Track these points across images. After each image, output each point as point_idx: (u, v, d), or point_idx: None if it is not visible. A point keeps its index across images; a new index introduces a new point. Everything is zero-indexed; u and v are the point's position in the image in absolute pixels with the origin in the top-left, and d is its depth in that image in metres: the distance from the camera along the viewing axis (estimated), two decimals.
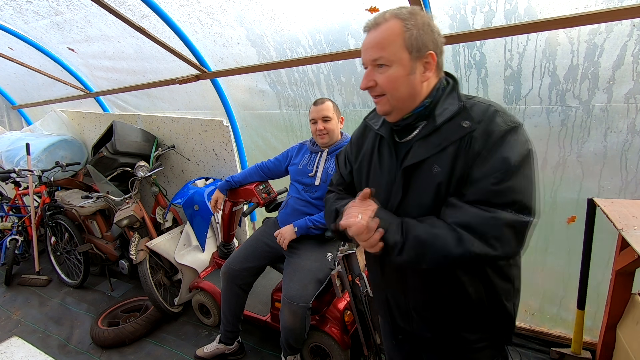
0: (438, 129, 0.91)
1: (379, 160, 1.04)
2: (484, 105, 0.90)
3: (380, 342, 1.89)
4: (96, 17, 2.54)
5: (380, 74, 0.91)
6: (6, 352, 1.41)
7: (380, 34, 0.89)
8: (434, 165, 0.90)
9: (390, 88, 0.91)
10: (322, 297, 2.04)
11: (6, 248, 3.51)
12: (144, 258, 2.63)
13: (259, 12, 2.15)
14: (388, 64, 0.89)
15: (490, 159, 0.84)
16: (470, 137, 0.87)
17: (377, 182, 1.03)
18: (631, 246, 1.29)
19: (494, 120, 0.86)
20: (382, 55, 0.88)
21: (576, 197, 1.89)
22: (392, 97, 0.92)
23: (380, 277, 1.12)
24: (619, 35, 1.54)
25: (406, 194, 0.95)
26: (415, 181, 0.94)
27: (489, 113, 0.88)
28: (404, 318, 1.08)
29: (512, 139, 0.85)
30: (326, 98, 1.98)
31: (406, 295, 1.04)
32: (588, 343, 2.01)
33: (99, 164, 2.98)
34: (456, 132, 0.88)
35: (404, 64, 0.89)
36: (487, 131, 0.85)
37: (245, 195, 2.31)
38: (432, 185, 0.91)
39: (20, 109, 4.79)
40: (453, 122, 0.90)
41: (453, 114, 0.90)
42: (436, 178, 0.90)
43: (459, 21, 1.77)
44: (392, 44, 0.87)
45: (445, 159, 0.89)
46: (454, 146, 0.88)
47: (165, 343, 2.52)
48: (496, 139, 0.84)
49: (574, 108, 1.75)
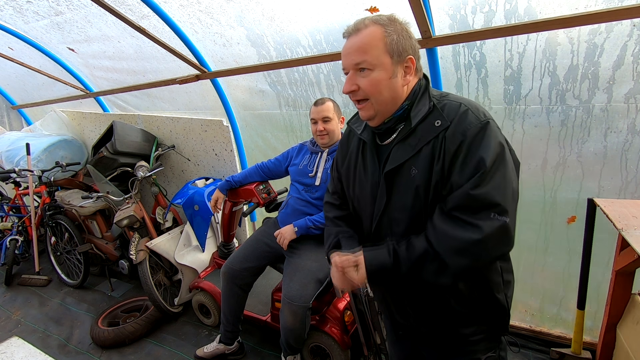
0: (414, 130, 0.94)
1: (363, 165, 1.06)
2: (455, 103, 0.92)
3: (380, 342, 1.88)
4: (96, 17, 2.54)
5: (362, 78, 0.92)
6: (6, 352, 1.41)
7: (362, 39, 0.91)
8: (411, 167, 0.93)
9: (374, 92, 0.93)
10: (322, 297, 2.04)
11: (6, 248, 3.51)
12: (144, 258, 2.63)
13: (259, 12, 2.15)
14: (370, 67, 0.91)
15: (467, 162, 0.86)
16: (443, 137, 0.88)
17: (363, 187, 1.05)
18: (631, 246, 1.29)
19: (466, 118, 0.88)
20: (364, 59, 0.90)
21: (576, 197, 1.89)
22: (375, 101, 0.94)
23: None
24: (619, 35, 1.54)
25: (390, 197, 0.98)
26: (396, 184, 0.97)
27: (461, 111, 0.89)
28: (401, 314, 1.11)
29: (485, 136, 0.86)
30: (327, 98, 1.98)
31: (401, 292, 1.07)
32: (588, 343, 2.01)
33: (99, 164, 2.98)
34: (429, 132, 0.91)
35: (386, 68, 0.91)
36: (460, 131, 0.87)
37: (245, 195, 2.31)
38: (412, 188, 0.93)
39: (20, 109, 4.79)
40: (426, 123, 0.92)
41: (425, 114, 0.93)
42: (415, 180, 0.93)
43: (459, 21, 1.77)
44: (374, 48, 0.90)
45: (422, 160, 0.91)
46: (428, 146, 0.91)
47: (165, 343, 2.52)
48: (470, 138, 0.86)
49: (574, 108, 1.75)
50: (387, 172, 0.96)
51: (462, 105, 0.91)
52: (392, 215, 0.98)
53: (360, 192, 1.07)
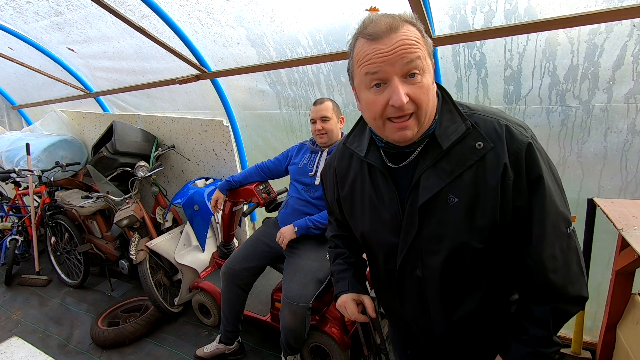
0: (446, 153, 0.81)
1: (375, 192, 0.92)
2: (490, 119, 0.82)
3: (380, 342, 1.88)
4: (96, 17, 2.54)
5: (412, 85, 0.75)
6: (6, 352, 1.41)
7: (409, 37, 0.74)
8: (449, 195, 0.81)
9: (427, 101, 0.77)
10: (322, 297, 2.04)
11: (6, 248, 3.51)
12: (144, 258, 2.63)
13: (259, 12, 2.15)
14: (422, 70, 0.75)
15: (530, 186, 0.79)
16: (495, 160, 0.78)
17: (377, 217, 0.94)
18: (631, 246, 1.29)
19: (513, 136, 0.79)
20: (419, 56, 0.74)
21: (576, 197, 1.89)
22: (424, 113, 0.78)
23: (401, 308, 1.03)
24: (619, 35, 1.54)
25: (421, 229, 0.86)
26: (429, 215, 0.84)
27: (502, 129, 0.79)
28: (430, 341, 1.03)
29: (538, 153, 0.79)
30: (327, 98, 1.99)
31: (431, 324, 0.97)
32: (588, 343, 2.01)
33: (99, 164, 2.98)
34: (470, 156, 0.79)
35: (431, 72, 0.78)
36: (511, 151, 0.78)
37: (245, 195, 2.31)
38: (451, 217, 0.82)
39: (20, 109, 4.79)
40: (463, 144, 0.80)
41: (461, 136, 0.80)
42: (454, 209, 0.82)
43: (459, 21, 1.77)
44: (421, 46, 0.76)
45: (462, 187, 0.80)
46: (470, 171, 0.79)
47: (165, 343, 2.52)
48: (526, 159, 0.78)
49: (574, 108, 1.75)
50: (423, 204, 0.83)
51: (499, 119, 0.81)
52: (425, 247, 0.88)
53: (374, 223, 0.95)
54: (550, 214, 0.79)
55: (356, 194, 0.98)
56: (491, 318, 0.95)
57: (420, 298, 0.95)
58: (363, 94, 0.81)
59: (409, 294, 0.97)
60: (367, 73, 0.76)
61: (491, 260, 0.87)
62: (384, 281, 1.04)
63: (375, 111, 0.79)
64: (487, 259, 0.86)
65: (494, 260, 0.87)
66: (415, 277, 0.92)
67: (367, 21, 0.78)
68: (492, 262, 0.88)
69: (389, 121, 0.79)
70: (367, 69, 0.76)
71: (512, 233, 0.83)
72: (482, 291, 0.91)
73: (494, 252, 0.86)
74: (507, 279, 0.92)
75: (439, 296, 0.92)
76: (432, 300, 0.93)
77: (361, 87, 0.81)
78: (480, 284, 0.90)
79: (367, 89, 0.79)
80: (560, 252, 0.81)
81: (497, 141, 0.79)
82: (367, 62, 0.76)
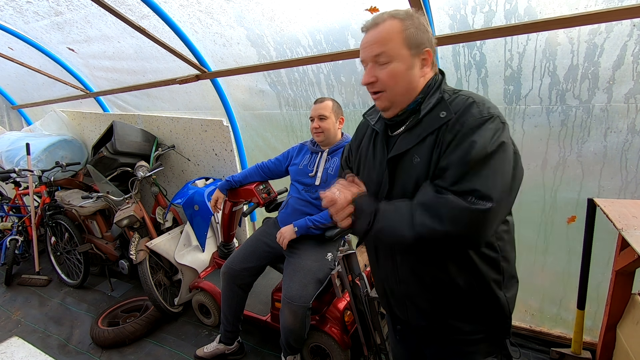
0: (420, 121, 0.96)
1: (373, 153, 1.10)
2: (464, 97, 0.94)
3: (380, 342, 1.89)
4: (96, 17, 2.54)
5: (381, 70, 0.95)
6: (6, 352, 1.41)
7: (381, 32, 0.93)
8: (414, 155, 0.96)
9: (391, 83, 0.95)
10: (322, 297, 2.04)
11: (6, 248, 3.51)
12: (144, 258, 2.63)
13: (259, 12, 2.15)
14: (389, 59, 0.93)
15: (457, 148, 0.87)
16: (445, 127, 0.91)
17: (370, 173, 1.09)
18: (631, 246, 1.29)
19: (470, 110, 0.89)
20: (383, 51, 0.93)
21: (576, 197, 1.89)
22: (391, 93, 0.97)
23: (377, 268, 1.17)
24: (619, 35, 1.54)
25: (392, 185, 1.01)
26: (399, 172, 1.00)
27: (467, 104, 0.91)
28: (400, 307, 1.12)
29: (484, 127, 0.86)
30: (328, 97, 1.99)
31: (399, 284, 1.08)
32: (588, 343, 2.01)
33: (99, 164, 2.98)
34: (434, 123, 0.93)
35: (404, 60, 0.94)
36: (460, 121, 0.89)
37: (245, 195, 2.31)
38: (413, 175, 0.96)
39: (20, 109, 4.79)
40: (432, 113, 0.95)
41: (433, 105, 0.95)
42: (416, 168, 0.95)
43: (459, 21, 1.77)
44: (392, 40, 0.92)
45: (424, 149, 0.94)
46: (432, 136, 0.93)
47: (165, 343, 2.52)
48: (467, 128, 0.87)
49: (574, 108, 1.75)
50: (390, 158, 1.00)
51: (469, 98, 0.92)
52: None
53: (368, 177, 1.10)
54: (456, 173, 0.86)
55: (362, 157, 1.16)
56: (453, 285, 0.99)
57: (390, 256, 1.07)
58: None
59: (382, 253, 1.11)
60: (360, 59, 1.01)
61: None
62: (368, 243, 1.19)
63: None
64: None
65: None
66: None
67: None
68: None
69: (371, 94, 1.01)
70: (360, 56, 1.01)
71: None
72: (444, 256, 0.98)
73: None
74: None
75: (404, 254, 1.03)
76: (399, 256, 1.05)
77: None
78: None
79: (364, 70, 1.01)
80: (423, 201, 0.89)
81: (458, 113, 0.91)
82: (360, 50, 0.99)
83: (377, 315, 1.84)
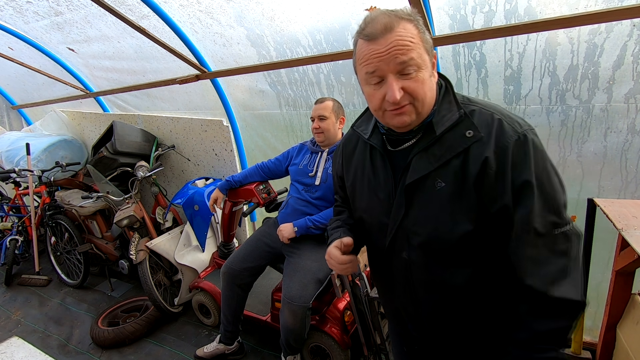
0: (439, 139, 0.85)
1: (373, 172, 0.98)
2: (486, 111, 0.85)
3: (380, 342, 1.88)
4: (96, 17, 2.54)
5: (408, 80, 0.81)
6: (6, 352, 1.41)
7: (403, 37, 0.79)
8: (436, 180, 0.85)
9: (422, 93, 0.82)
10: (322, 297, 2.04)
11: (6, 248, 3.51)
12: (144, 258, 2.63)
13: (259, 12, 2.15)
14: (417, 67, 0.80)
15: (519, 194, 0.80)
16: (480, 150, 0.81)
17: (373, 197, 0.98)
18: (631, 246, 1.29)
19: (503, 131, 0.81)
20: (412, 57, 0.79)
21: (576, 197, 1.89)
22: (421, 104, 0.83)
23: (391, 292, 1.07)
24: (619, 35, 1.54)
25: (408, 209, 0.91)
26: (417, 197, 0.89)
27: (495, 123, 0.82)
28: (418, 328, 1.04)
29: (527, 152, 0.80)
30: (329, 97, 1.99)
31: (418, 307, 1.00)
32: (588, 343, 2.01)
33: (99, 164, 2.99)
34: (459, 143, 0.83)
35: (427, 66, 0.83)
36: (500, 147, 0.80)
37: (245, 195, 2.31)
38: (436, 201, 0.86)
39: (20, 109, 4.79)
40: (455, 132, 0.84)
41: (454, 123, 0.84)
42: (440, 194, 0.85)
43: (459, 21, 1.77)
44: (416, 45, 0.80)
45: (449, 173, 0.84)
46: (458, 159, 0.83)
47: (165, 343, 2.52)
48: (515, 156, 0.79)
49: (574, 108, 1.75)
50: (409, 184, 0.88)
51: (493, 114, 0.84)
52: (410, 229, 0.91)
53: (370, 202, 0.99)
54: (533, 219, 0.79)
55: (357, 174, 1.04)
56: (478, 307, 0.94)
57: (407, 281, 0.98)
58: (365, 89, 0.89)
59: (397, 277, 1.00)
60: (366, 72, 0.84)
61: (476, 247, 0.87)
62: (378, 264, 1.08)
63: (375, 104, 0.86)
64: (472, 245, 0.86)
65: (479, 247, 0.87)
66: (402, 259, 0.95)
67: (366, 20, 0.83)
68: (478, 250, 0.87)
69: (387, 111, 0.85)
70: (366, 69, 0.83)
71: (498, 225, 0.84)
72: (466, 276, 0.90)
73: (479, 239, 0.86)
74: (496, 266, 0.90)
75: (423, 277, 0.94)
76: (417, 281, 0.96)
77: (363, 83, 0.88)
78: (465, 269, 0.90)
79: (367, 85, 0.86)
80: (542, 255, 0.80)
81: (487, 133, 0.82)
82: (366, 62, 0.82)
83: (377, 315, 1.84)
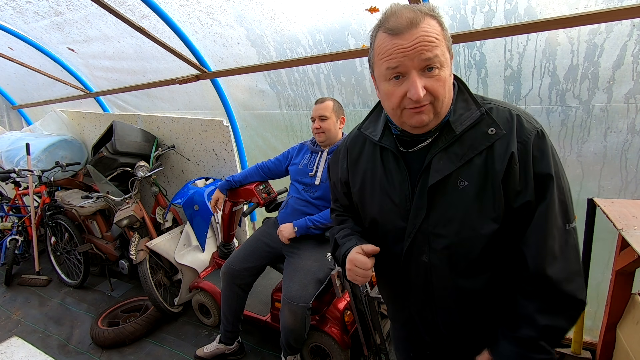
0: (458, 138, 0.84)
1: (386, 176, 0.94)
2: (503, 108, 0.85)
3: (380, 342, 1.89)
4: (96, 17, 2.54)
5: (430, 78, 0.79)
6: (6, 352, 1.41)
7: (429, 33, 0.77)
8: (459, 179, 0.84)
9: (443, 93, 0.80)
10: (322, 297, 2.04)
11: (6, 248, 3.51)
12: (144, 258, 2.63)
13: (259, 12, 2.15)
14: (439, 65, 0.78)
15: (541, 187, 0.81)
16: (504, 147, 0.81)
17: (387, 200, 0.94)
18: (631, 246, 1.29)
19: (522, 126, 0.82)
20: (436, 54, 0.77)
21: (576, 197, 1.89)
22: (440, 104, 0.81)
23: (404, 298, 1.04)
24: (619, 35, 1.54)
25: (429, 212, 0.88)
26: (439, 198, 0.86)
27: (514, 119, 0.83)
28: (432, 333, 1.02)
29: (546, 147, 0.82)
30: (329, 97, 1.99)
31: (434, 312, 0.97)
32: (588, 343, 2.01)
33: (99, 164, 2.98)
34: (482, 141, 0.82)
35: (449, 64, 0.81)
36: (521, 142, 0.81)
37: (245, 195, 2.31)
38: (460, 200, 0.84)
39: (20, 109, 4.79)
40: (476, 130, 0.83)
41: (475, 121, 0.83)
42: (464, 193, 0.83)
43: (459, 21, 1.77)
44: (440, 42, 0.78)
45: (472, 171, 0.83)
46: (481, 157, 0.82)
47: (165, 343, 2.52)
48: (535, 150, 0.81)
49: (574, 108, 1.75)
50: (432, 185, 0.85)
51: (511, 111, 0.84)
52: (432, 231, 0.88)
53: (383, 206, 0.95)
54: (554, 210, 0.80)
55: (367, 179, 0.99)
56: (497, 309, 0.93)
57: (425, 285, 0.94)
58: (383, 85, 0.84)
59: (414, 281, 0.97)
60: (387, 68, 0.80)
61: (499, 245, 0.86)
62: (390, 269, 1.02)
63: (394, 102, 0.83)
64: (495, 244, 0.85)
65: (501, 245, 0.86)
66: (421, 262, 0.92)
67: (388, 13, 0.80)
68: (500, 248, 0.87)
69: (406, 109, 0.83)
70: (387, 64, 0.80)
71: (518, 221, 0.84)
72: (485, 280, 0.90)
73: (502, 237, 0.85)
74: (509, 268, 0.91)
75: (444, 282, 0.91)
76: (438, 286, 0.93)
77: (381, 79, 0.84)
78: (484, 273, 0.89)
79: (386, 81, 0.82)
80: (559, 247, 0.81)
81: (508, 129, 0.82)
82: (388, 57, 0.79)
83: (377, 315, 1.85)
